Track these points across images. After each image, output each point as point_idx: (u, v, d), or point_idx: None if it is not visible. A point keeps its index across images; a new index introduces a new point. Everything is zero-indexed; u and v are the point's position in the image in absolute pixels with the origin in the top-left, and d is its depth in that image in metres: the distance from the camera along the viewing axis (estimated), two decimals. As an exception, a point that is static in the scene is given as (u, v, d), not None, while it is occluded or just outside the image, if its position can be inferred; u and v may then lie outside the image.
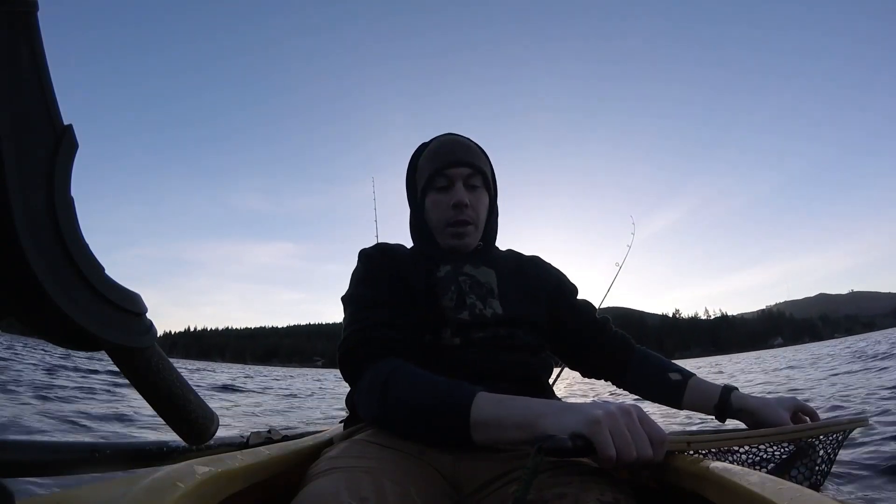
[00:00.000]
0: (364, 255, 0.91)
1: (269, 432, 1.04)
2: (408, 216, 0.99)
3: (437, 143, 0.94)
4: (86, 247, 0.29)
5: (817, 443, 0.83)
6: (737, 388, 0.89)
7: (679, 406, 0.93)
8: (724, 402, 0.87)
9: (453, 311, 0.82)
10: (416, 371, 0.71)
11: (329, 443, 0.84)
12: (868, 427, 1.58)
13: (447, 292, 0.84)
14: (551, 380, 1.00)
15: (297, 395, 7.91)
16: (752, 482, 0.49)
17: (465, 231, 0.89)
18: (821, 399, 3.69)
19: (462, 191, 0.88)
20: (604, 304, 2.01)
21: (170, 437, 0.66)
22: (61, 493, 0.50)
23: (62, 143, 0.28)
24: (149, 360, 0.33)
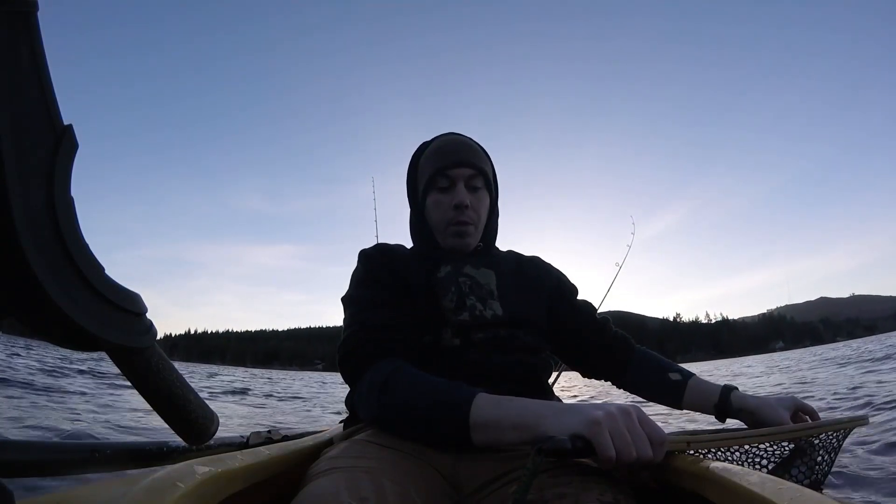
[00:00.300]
0: (364, 255, 0.91)
1: (269, 432, 1.04)
2: (407, 216, 0.99)
3: (439, 142, 0.93)
4: (86, 247, 0.29)
5: (817, 442, 0.83)
6: (737, 388, 0.89)
7: (679, 406, 0.93)
8: (724, 401, 0.87)
9: (453, 313, 0.82)
10: (415, 372, 0.71)
11: (329, 443, 0.84)
12: (868, 426, 1.57)
13: (447, 293, 0.84)
14: (551, 380, 1.00)
15: (300, 396, 7.91)
16: (752, 482, 0.49)
17: (466, 231, 0.89)
18: (820, 398, 3.69)
19: (464, 192, 0.88)
20: (604, 307, 2.01)
21: (170, 437, 0.66)
22: (61, 493, 0.50)
23: (62, 143, 0.28)
24: (149, 360, 0.33)
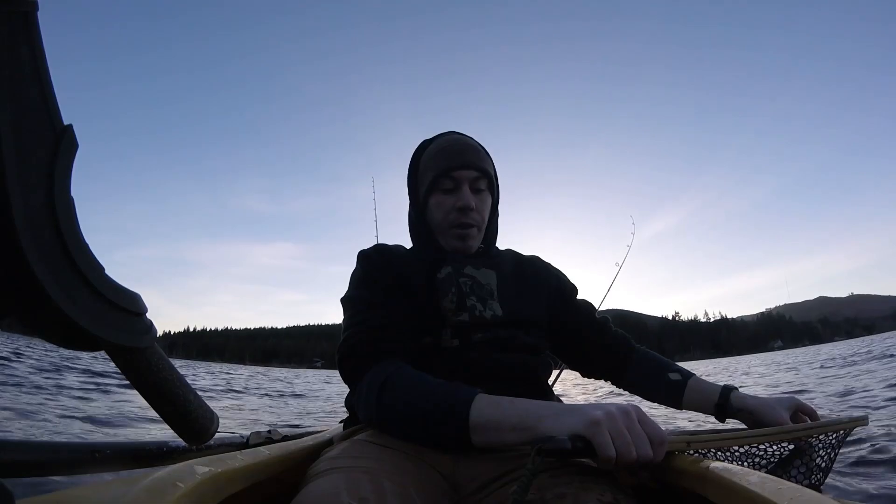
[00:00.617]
0: (363, 256, 0.90)
1: (269, 432, 1.04)
2: (406, 216, 0.98)
3: (442, 142, 0.92)
4: (86, 247, 0.29)
5: (817, 442, 0.83)
6: (736, 388, 0.89)
7: (679, 406, 0.93)
8: (724, 401, 0.87)
9: (453, 313, 0.82)
10: (414, 373, 0.71)
11: (329, 443, 0.84)
12: (868, 426, 1.57)
13: (447, 294, 0.83)
14: (551, 380, 1.00)
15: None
16: (752, 482, 0.49)
17: (469, 234, 0.88)
18: (820, 398, 3.69)
19: (469, 194, 0.87)
20: (603, 306, 2.01)
21: (170, 437, 0.66)
22: (61, 493, 0.50)
23: (62, 143, 0.28)
24: (149, 360, 0.33)
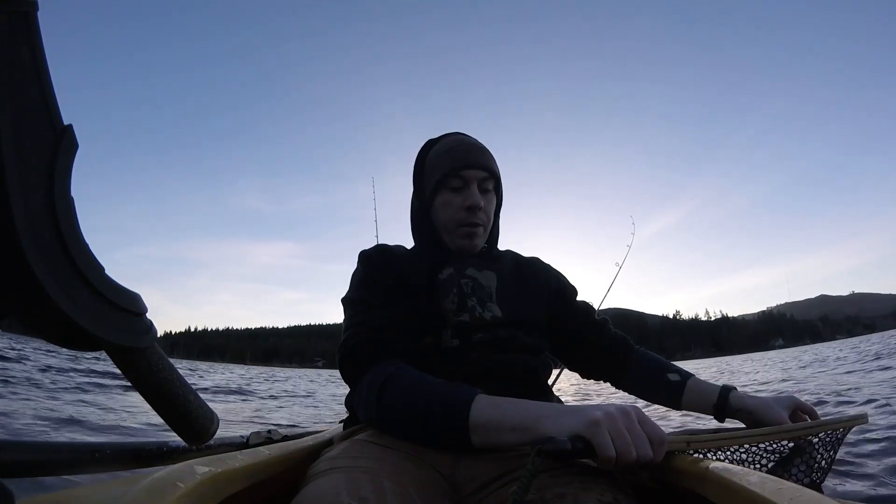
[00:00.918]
0: (364, 256, 0.91)
1: (269, 432, 1.04)
2: (408, 216, 0.98)
3: (451, 141, 0.93)
4: (86, 247, 0.29)
5: (816, 441, 0.83)
6: (735, 388, 0.89)
7: (678, 407, 0.93)
8: (723, 401, 0.87)
9: (454, 314, 0.82)
10: (414, 373, 0.71)
11: (329, 443, 0.84)
12: (867, 425, 1.58)
13: (449, 294, 0.84)
14: (551, 381, 1.00)
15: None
16: (751, 482, 0.49)
17: (476, 233, 0.89)
18: (820, 397, 3.70)
19: (477, 194, 0.88)
20: (604, 305, 2.01)
21: (170, 437, 0.66)
22: (61, 493, 0.50)
23: (62, 143, 0.28)
24: (149, 360, 0.33)
